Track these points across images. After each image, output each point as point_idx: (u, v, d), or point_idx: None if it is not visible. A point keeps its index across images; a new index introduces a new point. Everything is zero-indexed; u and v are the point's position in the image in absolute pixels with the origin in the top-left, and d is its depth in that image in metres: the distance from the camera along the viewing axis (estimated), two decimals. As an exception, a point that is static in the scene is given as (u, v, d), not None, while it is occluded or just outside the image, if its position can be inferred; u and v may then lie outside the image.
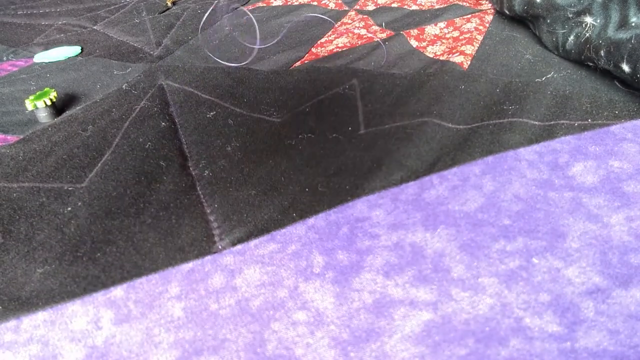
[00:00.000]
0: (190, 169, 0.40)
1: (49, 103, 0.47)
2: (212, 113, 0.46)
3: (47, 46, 0.67)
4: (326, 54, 0.56)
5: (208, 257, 0.30)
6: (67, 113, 0.49)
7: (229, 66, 0.55)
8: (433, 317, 0.25)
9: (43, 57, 0.63)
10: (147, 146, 0.42)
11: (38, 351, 0.26)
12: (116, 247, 0.32)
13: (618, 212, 0.30)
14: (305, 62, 0.55)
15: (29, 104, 0.47)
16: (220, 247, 0.31)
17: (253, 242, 0.31)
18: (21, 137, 0.45)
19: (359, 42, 0.58)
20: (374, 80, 0.49)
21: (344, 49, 0.57)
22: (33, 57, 0.64)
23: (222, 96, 0.42)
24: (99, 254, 0.32)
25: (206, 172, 0.39)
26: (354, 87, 0.47)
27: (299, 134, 0.42)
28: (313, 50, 0.58)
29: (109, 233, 0.34)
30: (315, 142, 0.40)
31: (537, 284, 0.26)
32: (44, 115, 0.48)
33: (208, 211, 0.35)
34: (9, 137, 0.46)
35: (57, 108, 0.49)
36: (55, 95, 0.48)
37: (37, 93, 0.48)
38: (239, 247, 0.31)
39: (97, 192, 0.37)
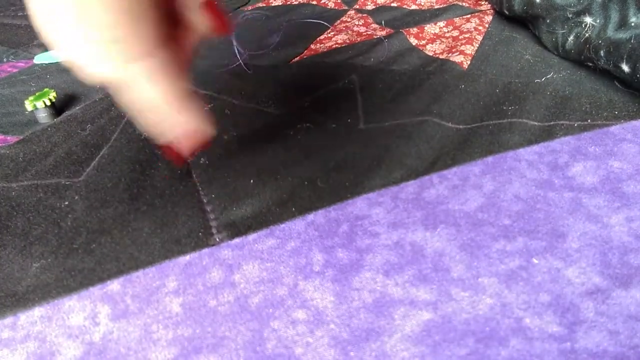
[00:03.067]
0: None
1: (48, 103, 0.47)
2: (209, 106, 0.46)
3: (47, 47, 0.67)
4: (325, 50, 0.56)
5: (206, 250, 0.30)
6: (67, 113, 0.49)
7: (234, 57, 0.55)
8: (433, 317, 0.25)
9: (43, 58, 0.63)
10: (142, 137, 0.42)
11: (35, 348, 0.26)
12: (111, 237, 0.32)
13: (618, 213, 0.30)
14: (305, 57, 0.55)
15: (28, 105, 0.47)
16: (217, 239, 0.31)
17: (251, 237, 0.31)
18: (21, 137, 0.45)
19: (359, 39, 0.58)
20: (373, 75, 0.49)
21: (343, 45, 0.57)
22: (33, 58, 0.64)
23: (220, 90, 0.43)
24: (94, 245, 0.32)
25: (202, 159, 0.39)
26: (354, 82, 0.47)
27: (298, 126, 0.42)
28: (312, 46, 0.58)
29: (104, 222, 0.33)
30: (315, 133, 0.40)
31: (537, 284, 0.26)
32: (43, 116, 0.48)
33: (205, 200, 0.34)
34: (8, 138, 0.46)
35: (57, 108, 0.49)
36: (55, 95, 0.48)
37: (37, 94, 0.48)
38: (237, 240, 0.31)
39: (94, 185, 0.37)
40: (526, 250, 0.28)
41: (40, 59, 0.63)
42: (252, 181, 0.35)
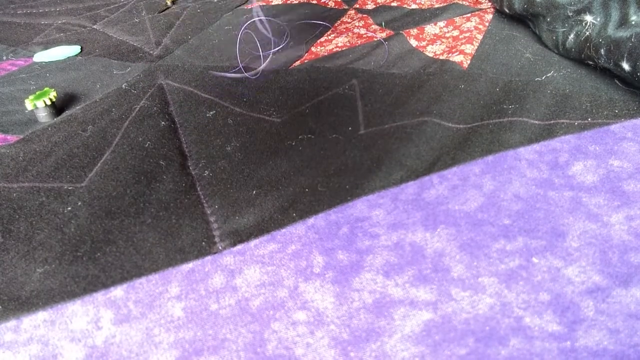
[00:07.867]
0: (190, 168, 0.40)
1: (48, 103, 0.47)
2: (211, 112, 0.46)
3: (47, 45, 0.67)
4: (326, 54, 0.56)
5: (208, 258, 0.30)
6: (67, 113, 0.49)
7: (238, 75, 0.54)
8: (433, 317, 0.25)
9: (43, 56, 0.63)
10: (146, 145, 0.42)
11: (38, 351, 0.26)
12: (116, 247, 0.32)
13: (618, 211, 0.30)
14: (305, 61, 0.55)
15: (28, 104, 0.47)
16: (220, 247, 0.31)
17: (253, 242, 0.31)
18: (21, 137, 0.45)
19: (359, 42, 0.58)
20: (373, 80, 0.49)
21: (344, 48, 0.57)
22: (33, 56, 0.64)
23: (222, 95, 0.43)
24: (98, 254, 0.32)
25: (206, 172, 0.39)
26: (354, 87, 0.47)
27: (299, 134, 0.42)
28: (313, 49, 0.58)
29: (109, 233, 0.34)
30: (316, 142, 0.40)
31: (537, 284, 0.26)
32: (43, 115, 0.48)
33: (208, 212, 0.35)
34: (9, 137, 0.46)
35: (57, 108, 0.49)
36: (55, 95, 0.48)
37: (37, 93, 0.48)
38: (239, 247, 0.31)
39: (97, 191, 0.37)
40: (526, 249, 0.28)
41: (40, 57, 0.63)
42: (254, 192, 0.36)
